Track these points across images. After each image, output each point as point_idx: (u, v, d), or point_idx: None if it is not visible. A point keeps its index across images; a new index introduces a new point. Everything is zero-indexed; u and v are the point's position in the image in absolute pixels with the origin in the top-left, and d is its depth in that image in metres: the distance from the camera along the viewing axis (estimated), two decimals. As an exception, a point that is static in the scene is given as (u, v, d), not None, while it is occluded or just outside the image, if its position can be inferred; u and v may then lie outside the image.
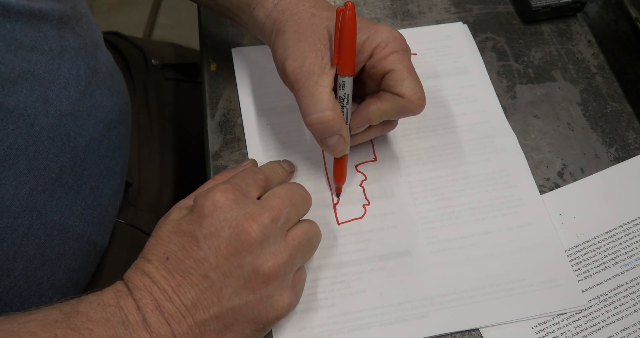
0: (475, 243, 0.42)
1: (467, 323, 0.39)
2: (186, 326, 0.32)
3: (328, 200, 0.43)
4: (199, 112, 0.49)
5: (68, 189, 0.38)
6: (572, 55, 0.51)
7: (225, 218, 0.33)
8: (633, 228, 0.43)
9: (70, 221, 0.39)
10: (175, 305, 0.32)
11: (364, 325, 0.38)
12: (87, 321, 0.31)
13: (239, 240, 0.33)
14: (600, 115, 0.48)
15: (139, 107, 0.59)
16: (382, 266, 0.41)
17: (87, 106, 0.40)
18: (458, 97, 0.48)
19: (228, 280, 0.32)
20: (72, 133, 0.38)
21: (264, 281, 0.33)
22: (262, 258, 0.33)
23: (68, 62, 0.38)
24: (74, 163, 0.38)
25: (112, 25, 1.45)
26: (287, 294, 0.34)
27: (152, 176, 0.56)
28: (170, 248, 0.33)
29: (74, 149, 0.38)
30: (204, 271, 0.32)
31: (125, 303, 0.32)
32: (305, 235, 0.36)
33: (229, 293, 0.32)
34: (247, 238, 0.33)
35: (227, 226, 0.33)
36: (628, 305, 0.40)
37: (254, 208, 0.34)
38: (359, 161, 0.45)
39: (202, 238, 0.33)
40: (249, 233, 0.33)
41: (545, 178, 0.45)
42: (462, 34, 0.52)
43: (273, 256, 0.33)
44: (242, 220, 0.33)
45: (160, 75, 0.64)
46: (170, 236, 0.34)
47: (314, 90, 0.37)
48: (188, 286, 0.32)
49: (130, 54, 0.62)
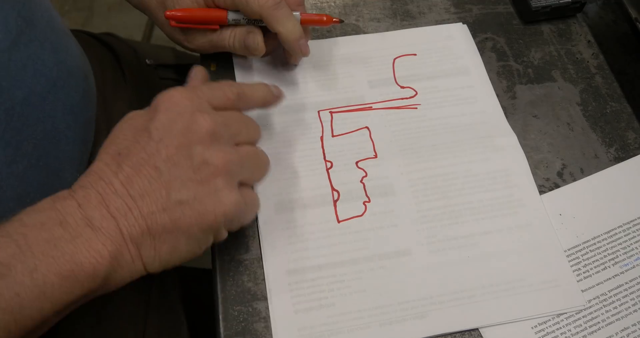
0: (475, 243, 0.42)
1: (467, 323, 0.39)
2: (132, 219, 0.31)
3: (328, 196, 0.43)
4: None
5: (4, 145, 0.36)
6: (571, 55, 0.51)
7: (178, 111, 0.33)
8: (633, 228, 0.43)
9: (9, 180, 0.37)
10: (122, 198, 0.31)
11: (364, 325, 0.38)
12: (20, 226, 0.30)
13: (190, 130, 0.33)
14: (599, 115, 0.48)
15: (130, 101, 0.58)
16: (381, 265, 0.41)
17: (21, 56, 0.38)
18: (458, 97, 0.48)
19: (177, 170, 0.32)
20: (5, 83, 0.36)
21: (212, 173, 0.33)
22: (212, 150, 0.33)
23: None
24: (9, 117, 0.36)
25: (112, 26, 1.45)
26: (235, 192, 0.34)
27: None
28: (124, 143, 0.33)
29: (8, 101, 0.36)
30: (155, 162, 0.32)
31: (62, 204, 0.31)
32: (255, 152, 0.37)
33: (178, 186, 0.32)
34: (199, 129, 0.33)
35: (180, 119, 0.33)
36: (628, 305, 0.40)
37: (208, 109, 0.35)
38: (359, 157, 0.45)
39: (154, 130, 0.33)
40: (200, 124, 0.33)
41: (545, 178, 0.45)
42: (461, 34, 0.52)
43: (223, 151, 0.34)
44: (195, 112, 0.34)
45: (154, 74, 0.64)
46: (124, 133, 0.34)
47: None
48: (137, 177, 0.32)
49: (122, 52, 0.62)
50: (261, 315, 0.39)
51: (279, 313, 0.39)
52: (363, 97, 0.48)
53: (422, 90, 0.49)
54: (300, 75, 0.49)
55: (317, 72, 0.49)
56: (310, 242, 0.41)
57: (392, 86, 0.49)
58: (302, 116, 0.47)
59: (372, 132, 0.46)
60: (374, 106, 0.48)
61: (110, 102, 0.55)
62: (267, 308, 0.39)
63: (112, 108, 0.55)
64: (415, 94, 0.49)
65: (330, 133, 0.46)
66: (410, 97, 0.48)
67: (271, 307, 0.39)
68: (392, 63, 0.50)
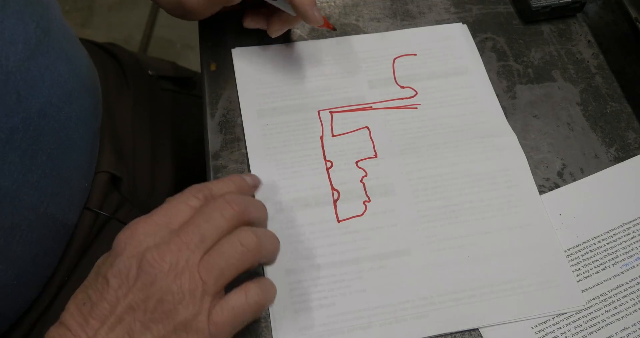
0: (475, 243, 0.42)
1: (467, 323, 0.39)
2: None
3: (328, 196, 0.43)
4: (195, 121, 0.49)
5: (22, 154, 0.37)
6: (571, 55, 0.51)
7: (132, 253, 0.32)
8: (633, 228, 0.43)
9: (24, 189, 0.37)
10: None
11: (364, 325, 0.38)
12: None
13: (142, 272, 0.32)
14: (599, 115, 0.48)
15: (133, 109, 0.59)
16: (382, 265, 0.41)
17: (39, 66, 0.39)
18: (458, 97, 0.48)
19: (137, 314, 0.32)
20: (23, 93, 0.37)
21: (169, 311, 0.32)
22: (164, 288, 0.32)
23: (12, 17, 0.36)
24: (27, 126, 0.37)
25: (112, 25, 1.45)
26: (202, 319, 0.32)
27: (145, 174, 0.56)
28: (88, 292, 0.33)
29: (26, 111, 0.37)
30: (116, 311, 0.32)
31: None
32: (221, 254, 0.33)
33: (138, 328, 0.31)
34: (150, 269, 0.32)
35: (134, 262, 0.32)
36: (628, 305, 0.40)
37: (166, 236, 0.33)
38: (359, 157, 0.45)
39: (112, 277, 0.32)
40: (152, 265, 0.32)
41: (545, 178, 0.45)
42: (461, 34, 0.52)
43: (177, 283, 0.32)
44: (147, 252, 0.32)
45: (156, 85, 0.64)
46: (90, 281, 0.33)
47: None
48: (102, 329, 0.32)
49: (126, 61, 0.63)
50: (261, 315, 0.39)
51: (279, 313, 0.39)
52: (363, 97, 0.48)
53: (422, 90, 0.49)
54: (300, 75, 0.49)
55: (317, 72, 0.49)
56: (310, 242, 0.41)
57: (392, 86, 0.49)
58: (302, 116, 0.47)
59: (372, 132, 0.46)
60: (374, 106, 0.48)
61: (114, 111, 0.55)
62: (267, 308, 0.39)
63: (115, 116, 0.55)
64: (415, 94, 0.49)
65: (330, 132, 0.46)
66: (410, 97, 0.48)
67: (271, 307, 0.39)
68: (392, 63, 0.50)
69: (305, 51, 0.50)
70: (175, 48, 1.42)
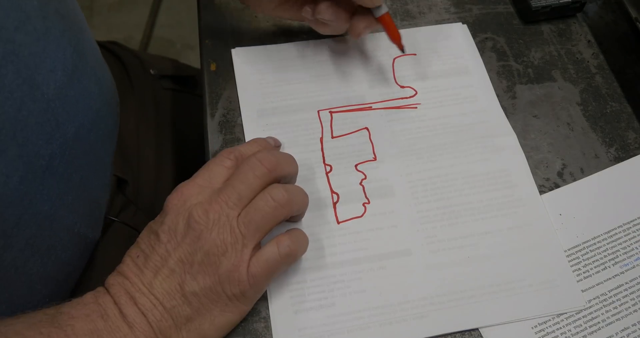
0: (475, 243, 0.42)
1: (467, 323, 0.39)
2: (158, 314, 0.35)
3: (328, 199, 0.43)
4: (197, 121, 0.49)
5: (58, 178, 0.38)
6: (571, 55, 0.51)
7: (179, 211, 0.36)
8: (633, 228, 0.43)
9: (60, 211, 0.39)
10: (146, 296, 0.35)
11: (364, 325, 0.38)
12: (69, 318, 0.33)
13: (190, 228, 0.36)
14: (600, 115, 0.48)
15: (138, 111, 0.59)
16: (381, 265, 0.41)
17: (75, 91, 0.39)
18: (458, 97, 0.48)
19: (186, 267, 0.35)
20: (61, 119, 0.37)
21: (214, 263, 0.35)
22: (210, 242, 0.35)
23: (53, 44, 0.37)
24: (63, 151, 0.38)
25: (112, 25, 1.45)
26: (242, 270, 0.35)
27: (150, 176, 0.56)
28: (141, 247, 0.37)
29: (63, 136, 0.38)
30: (168, 264, 0.35)
31: (103, 300, 0.35)
32: (257, 210, 0.36)
33: (189, 279, 0.35)
34: (195, 225, 0.36)
35: (181, 219, 0.36)
36: (628, 305, 0.40)
37: (208, 196, 0.37)
38: (358, 160, 0.45)
39: (162, 233, 0.36)
40: (197, 220, 0.36)
41: (545, 178, 0.45)
42: (461, 34, 0.52)
43: (220, 237, 0.36)
44: (192, 209, 0.36)
45: (158, 84, 0.64)
46: (142, 238, 0.37)
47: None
48: (156, 279, 0.35)
49: (129, 62, 0.62)
50: (261, 315, 0.39)
51: (279, 313, 0.39)
52: (363, 97, 0.48)
53: (422, 90, 0.49)
54: (300, 75, 0.49)
55: (317, 72, 0.49)
56: (310, 243, 0.41)
57: (392, 86, 0.49)
58: (302, 116, 0.47)
59: (372, 133, 0.46)
60: (373, 106, 0.48)
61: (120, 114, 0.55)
62: (267, 308, 0.39)
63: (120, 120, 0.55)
64: (415, 93, 0.49)
65: (330, 134, 0.46)
66: (410, 96, 0.48)
67: (271, 307, 0.39)
68: (392, 63, 0.50)
69: (305, 50, 0.50)
70: (175, 48, 1.42)
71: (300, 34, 0.52)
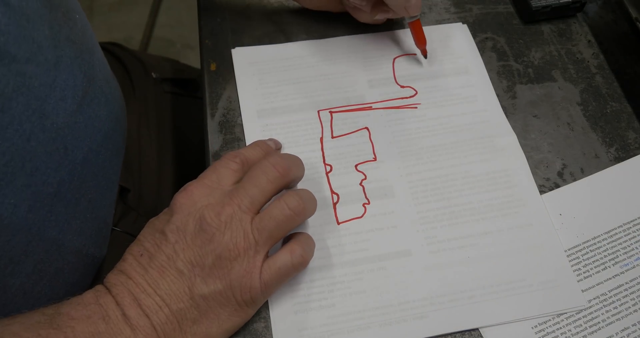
0: (475, 243, 0.42)
1: (467, 323, 0.39)
2: (164, 316, 0.34)
3: (328, 200, 0.43)
4: (197, 124, 0.49)
5: (67, 204, 0.38)
6: (572, 55, 0.51)
7: (189, 211, 0.36)
8: (633, 228, 0.43)
9: (68, 236, 0.38)
10: (151, 297, 0.34)
11: (364, 326, 0.38)
12: (69, 320, 0.32)
13: (201, 230, 0.35)
14: (600, 115, 0.48)
15: (140, 116, 0.58)
16: (382, 266, 0.41)
17: (84, 117, 0.39)
18: (458, 97, 0.48)
19: (196, 269, 0.35)
20: (70, 146, 0.37)
21: (225, 267, 0.35)
22: (222, 245, 0.35)
23: (64, 73, 0.36)
24: (72, 177, 0.38)
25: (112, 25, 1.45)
26: (255, 276, 0.35)
27: (151, 182, 0.56)
28: (145, 245, 0.36)
29: (71, 163, 0.37)
30: (176, 265, 0.35)
31: (104, 300, 0.34)
32: (272, 218, 0.36)
33: (199, 282, 0.35)
34: (207, 227, 0.35)
35: (192, 219, 0.35)
36: (628, 305, 0.40)
37: (219, 197, 0.36)
38: (358, 160, 0.45)
39: (170, 233, 0.35)
40: (209, 223, 0.35)
41: (545, 178, 0.45)
42: (461, 34, 0.52)
43: (233, 241, 0.35)
44: (204, 210, 0.35)
45: (160, 88, 0.64)
46: (145, 235, 0.36)
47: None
48: (162, 279, 0.34)
49: (130, 64, 0.62)
50: (261, 315, 0.39)
51: (279, 314, 0.39)
52: (363, 96, 0.48)
53: (422, 89, 0.49)
54: (300, 75, 0.49)
55: (317, 72, 0.49)
56: (311, 243, 0.41)
57: (392, 86, 0.49)
58: (302, 116, 0.47)
59: (372, 133, 0.46)
60: (373, 106, 0.48)
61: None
62: (267, 308, 0.39)
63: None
64: (415, 93, 0.49)
65: (330, 134, 0.46)
66: (410, 96, 0.48)
67: (271, 307, 0.39)
68: (392, 63, 0.50)
69: (305, 50, 0.50)
70: (175, 48, 1.42)
71: (300, 34, 0.52)
